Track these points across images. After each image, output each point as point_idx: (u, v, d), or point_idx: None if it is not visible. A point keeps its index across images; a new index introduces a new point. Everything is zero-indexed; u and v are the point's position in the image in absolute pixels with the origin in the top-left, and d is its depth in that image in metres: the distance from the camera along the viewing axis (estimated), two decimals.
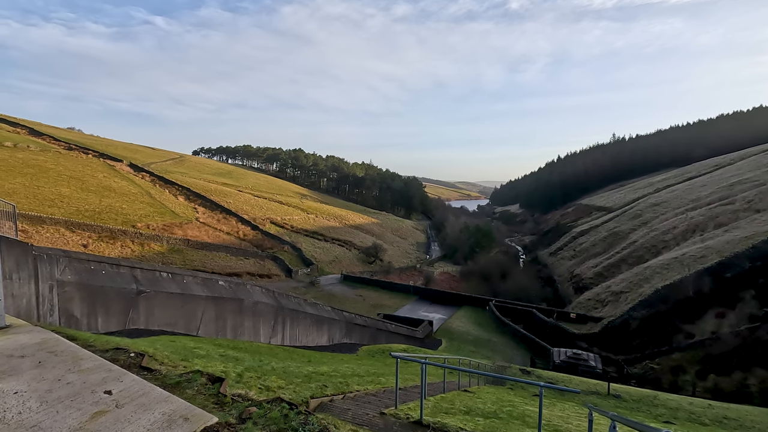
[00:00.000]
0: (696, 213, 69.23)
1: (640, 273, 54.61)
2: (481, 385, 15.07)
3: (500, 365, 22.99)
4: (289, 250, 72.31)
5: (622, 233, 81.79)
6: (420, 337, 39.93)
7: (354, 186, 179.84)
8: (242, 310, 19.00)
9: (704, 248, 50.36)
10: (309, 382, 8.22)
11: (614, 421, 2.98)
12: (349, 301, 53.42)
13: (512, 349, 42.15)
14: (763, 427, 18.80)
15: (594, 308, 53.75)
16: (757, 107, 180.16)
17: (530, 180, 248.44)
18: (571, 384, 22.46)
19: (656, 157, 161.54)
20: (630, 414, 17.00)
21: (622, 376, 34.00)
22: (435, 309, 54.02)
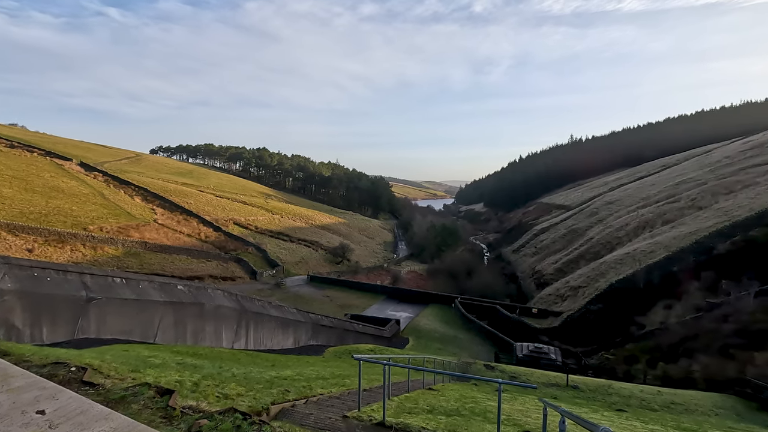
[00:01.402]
0: (646, 210, 73.30)
1: (597, 268, 57.22)
2: (446, 383, 15.30)
3: (465, 362, 23.43)
4: (254, 251, 70.68)
5: (579, 230, 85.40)
6: (387, 337, 40.07)
7: (320, 186, 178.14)
8: (203, 314, 18.37)
9: (653, 244, 53.42)
10: (271, 388, 8.04)
11: (563, 416, 3.08)
12: (316, 303, 52.86)
13: (478, 345, 43.08)
14: (706, 410, 20.16)
15: (554, 303, 55.82)
16: (699, 111, 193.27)
17: (494, 179, 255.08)
18: (533, 377, 23.22)
19: (611, 157, 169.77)
20: (587, 403, 17.76)
21: (580, 368, 35.49)
22: (402, 308, 54.38)
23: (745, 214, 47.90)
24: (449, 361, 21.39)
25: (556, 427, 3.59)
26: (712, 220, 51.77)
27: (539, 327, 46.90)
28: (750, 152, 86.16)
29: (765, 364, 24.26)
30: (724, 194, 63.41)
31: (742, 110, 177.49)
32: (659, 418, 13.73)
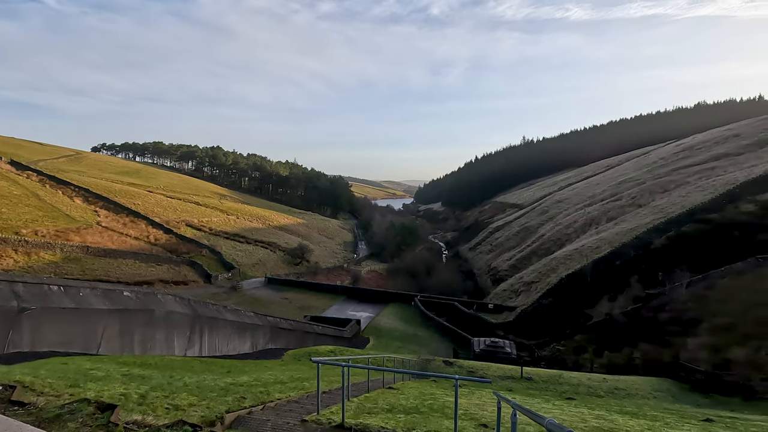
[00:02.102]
0: (592, 208, 77.74)
1: (548, 264, 59.99)
2: (406, 380, 15.46)
3: (425, 359, 23.78)
4: (208, 254, 68.04)
5: (532, 228, 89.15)
6: (348, 337, 39.91)
7: (278, 185, 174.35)
8: (153, 321, 17.45)
9: (599, 240, 56.76)
10: (226, 395, 7.76)
11: (515, 409, 3.19)
12: (275, 305, 51.70)
13: (437, 342, 43.87)
14: (645, 393, 21.68)
15: (509, 298, 57.95)
16: (638, 115, 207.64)
17: (452, 179, 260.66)
18: (489, 371, 23.96)
19: (560, 157, 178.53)
20: (540, 393, 18.56)
21: (534, 359, 37.02)
22: (363, 307, 54.36)
23: (678, 211, 51.94)
24: (409, 359, 21.64)
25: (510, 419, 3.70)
26: (650, 217, 55.74)
27: (495, 322, 48.46)
28: (682, 154, 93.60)
29: (696, 349, 26.45)
30: (659, 193, 68.45)
31: (675, 115, 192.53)
32: (604, 404, 14.60)
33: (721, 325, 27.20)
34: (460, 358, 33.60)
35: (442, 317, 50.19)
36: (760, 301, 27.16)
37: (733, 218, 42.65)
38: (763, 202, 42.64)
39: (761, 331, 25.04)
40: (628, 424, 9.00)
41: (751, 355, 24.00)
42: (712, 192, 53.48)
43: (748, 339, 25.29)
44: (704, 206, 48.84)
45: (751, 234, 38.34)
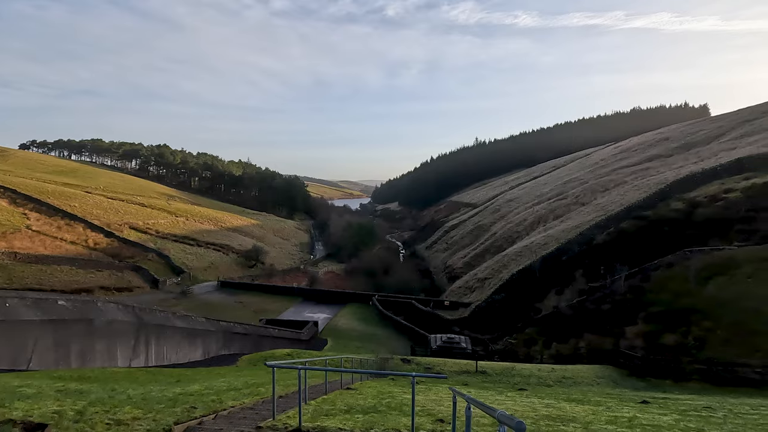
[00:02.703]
0: (540, 207, 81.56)
1: (500, 260, 62.24)
2: (365, 380, 15.45)
3: (383, 357, 23.90)
4: (155, 258, 64.48)
5: (485, 226, 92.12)
6: (305, 339, 39.29)
7: (230, 186, 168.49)
8: (92, 332, 16.29)
9: (547, 237, 59.65)
10: (174, 406, 7.38)
11: (469, 403, 3.26)
12: (229, 309, 49.91)
13: (395, 340, 44.23)
14: (590, 380, 23.05)
15: (464, 295, 59.53)
16: (581, 119, 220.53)
17: (408, 179, 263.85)
18: (446, 366, 24.49)
19: (511, 158, 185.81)
20: (493, 386, 19.21)
21: (488, 353, 38.26)
22: (320, 309, 53.75)
23: (617, 209, 55.66)
24: (368, 359, 21.65)
25: (465, 413, 3.79)
26: (592, 215, 59.35)
27: (451, 318, 49.61)
28: (620, 155, 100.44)
29: (633, 337, 28.51)
30: (601, 192, 73.04)
31: (613, 119, 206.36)
32: (553, 393, 15.36)
33: (655, 314, 29.49)
34: (418, 355, 34.06)
35: (400, 316, 50.68)
36: (687, 291, 29.71)
37: (664, 215, 46.34)
38: (690, 199, 46.67)
39: (688, 318, 27.39)
40: (574, 410, 9.51)
41: (679, 340, 26.20)
42: (646, 191, 57.78)
43: (677, 326, 27.58)
44: (640, 204, 52.68)
45: (680, 229, 41.85)
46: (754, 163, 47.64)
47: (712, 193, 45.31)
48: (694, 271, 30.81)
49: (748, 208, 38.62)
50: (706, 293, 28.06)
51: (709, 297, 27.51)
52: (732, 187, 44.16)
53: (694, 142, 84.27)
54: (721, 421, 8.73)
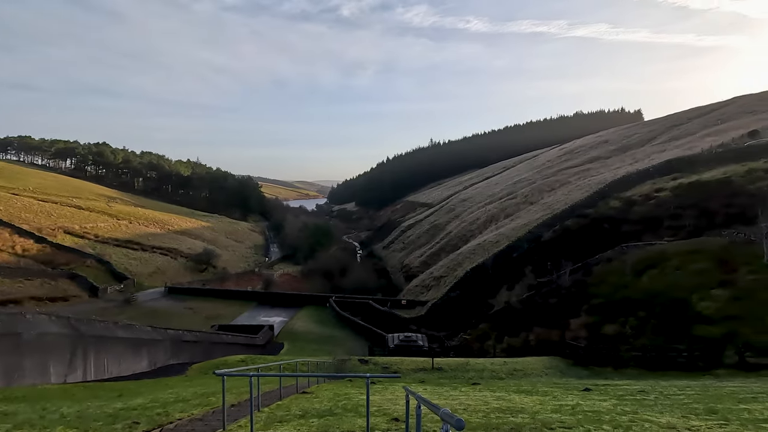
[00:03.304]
0: (492, 206, 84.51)
1: (455, 259, 63.83)
2: (322, 383, 15.29)
3: (340, 359, 23.75)
4: (94, 264, 60.21)
5: (440, 225, 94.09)
6: (261, 344, 38.26)
7: (179, 186, 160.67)
8: (20, 346, 14.95)
9: (498, 235, 61.91)
10: (114, 423, 6.94)
11: (419, 402, 3.32)
12: (177, 317, 47.60)
13: (353, 341, 44.10)
14: (539, 371, 24.17)
15: (421, 293, 60.47)
16: (529, 122, 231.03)
17: (364, 179, 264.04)
18: (403, 365, 24.75)
19: (464, 159, 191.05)
20: (449, 382, 19.65)
21: (444, 350, 39.06)
22: (276, 312, 52.55)
23: (562, 207, 58.77)
24: (324, 361, 21.44)
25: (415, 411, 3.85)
26: (540, 213, 62.29)
27: (408, 317, 50.21)
28: (564, 157, 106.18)
29: (578, 328, 30.25)
30: (547, 191, 76.85)
31: (558, 122, 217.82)
32: (505, 386, 15.97)
33: (596, 306, 31.48)
34: (376, 355, 34.17)
35: (358, 316, 50.61)
36: (624, 284, 31.98)
37: (604, 213, 49.53)
38: (626, 198, 50.21)
39: (625, 309, 29.47)
40: (523, 401, 9.95)
41: (618, 329, 28.13)
42: (588, 190, 61.47)
43: (616, 316, 29.59)
44: (582, 203, 55.94)
45: (618, 226, 44.90)
46: (681, 165, 52.09)
47: (646, 192, 49.00)
48: (630, 264, 33.18)
49: (676, 205, 42.14)
50: (641, 285, 30.33)
51: (643, 288, 29.74)
52: (662, 187, 48.01)
53: (630, 144, 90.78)
54: (653, 403, 9.47)
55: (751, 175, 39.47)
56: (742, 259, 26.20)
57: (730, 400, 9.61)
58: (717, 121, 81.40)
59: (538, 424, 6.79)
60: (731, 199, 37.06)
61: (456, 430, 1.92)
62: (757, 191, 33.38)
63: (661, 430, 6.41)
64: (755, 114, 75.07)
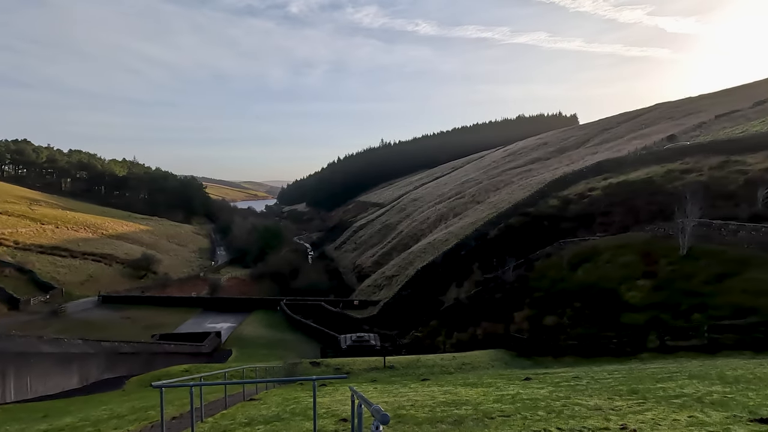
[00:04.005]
0: (442, 206, 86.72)
1: (406, 258, 64.82)
2: (271, 389, 14.97)
3: (291, 363, 23.33)
4: (14, 273, 54.74)
5: (392, 225, 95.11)
6: (207, 352, 36.73)
7: (113, 188, 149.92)
8: None
9: (448, 233, 63.66)
10: None
11: (360, 401, 3.40)
12: (113, 327, 44.48)
13: (305, 344, 43.48)
14: (485, 364, 25.18)
15: (373, 293, 60.80)
16: (476, 124, 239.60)
17: (315, 179, 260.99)
18: (355, 365, 24.80)
19: (415, 160, 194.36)
20: (400, 379, 19.97)
21: (396, 348, 39.56)
22: (223, 318, 50.61)
23: (506, 206, 61.53)
24: (274, 366, 20.98)
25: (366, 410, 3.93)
26: (486, 212, 64.82)
27: (361, 317, 50.34)
28: (508, 158, 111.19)
29: (521, 321, 31.84)
30: (493, 191, 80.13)
31: (502, 125, 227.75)
32: (453, 380, 16.52)
33: (537, 299, 33.29)
34: (328, 357, 33.96)
35: (310, 319, 50.00)
36: (561, 277, 34.10)
37: (544, 211, 52.47)
38: (563, 197, 53.53)
39: (563, 301, 31.45)
40: (468, 393, 10.36)
41: (557, 320, 29.95)
42: (529, 190, 64.83)
43: (555, 308, 31.49)
44: (524, 202, 58.90)
45: (556, 223, 47.77)
46: (610, 166, 56.39)
47: (580, 191, 52.51)
48: (566, 259, 35.42)
49: (606, 203, 45.57)
50: (576, 278, 32.48)
51: (578, 281, 31.87)
52: (595, 186, 51.68)
53: (567, 147, 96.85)
54: (584, 388, 10.24)
55: (669, 176, 43.53)
56: (662, 252, 28.86)
57: (649, 381, 10.60)
58: (641, 125, 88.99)
59: (479, 415, 7.12)
60: (653, 197, 40.68)
61: (382, 424, 2.04)
62: (674, 190, 36.90)
63: (589, 412, 6.96)
64: (673, 119, 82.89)
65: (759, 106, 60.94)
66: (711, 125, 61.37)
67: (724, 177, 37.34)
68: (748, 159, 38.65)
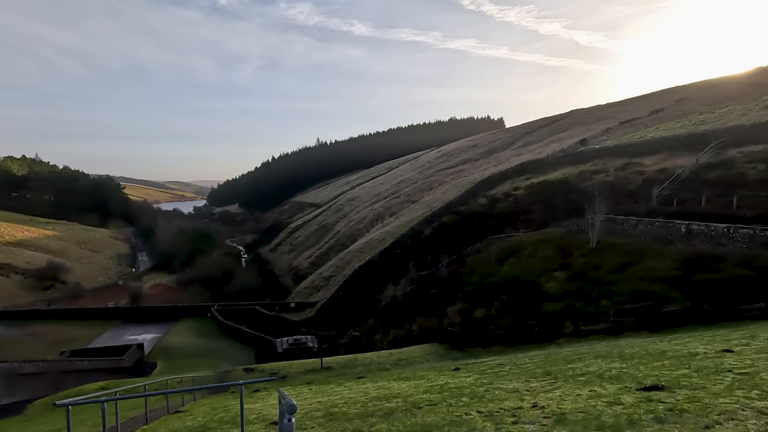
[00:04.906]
0: (378, 205, 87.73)
1: (344, 258, 64.73)
2: (199, 399, 14.26)
3: (223, 371, 22.38)
4: None
5: (329, 225, 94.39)
6: (128, 366, 33.95)
7: (11, 188, 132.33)
8: None
9: (384, 233, 64.58)
10: None
11: (283, 400, 3.45)
12: (14, 346, 39.53)
13: (240, 351, 41.83)
14: (421, 358, 26.00)
15: (310, 295, 59.96)
16: (411, 125, 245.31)
17: (249, 179, 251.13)
18: (292, 368, 24.38)
19: (351, 159, 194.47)
20: (337, 379, 19.98)
21: (334, 349, 39.42)
22: (147, 329, 47.06)
23: (439, 205, 63.79)
24: (202, 376, 19.98)
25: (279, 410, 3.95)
26: (421, 211, 66.71)
27: (298, 320, 49.46)
28: (441, 159, 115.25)
29: (453, 315, 33.27)
30: (427, 190, 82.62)
31: (435, 127, 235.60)
32: (388, 375, 16.88)
33: (469, 293, 35.02)
34: (264, 362, 32.96)
35: (244, 324, 48.14)
36: (490, 271, 36.19)
37: (474, 209, 55.20)
38: (491, 196, 56.73)
39: (492, 293, 33.41)
40: (401, 387, 10.70)
41: (486, 312, 31.74)
42: (461, 189, 67.78)
43: (485, 300, 33.33)
44: (456, 201, 61.49)
45: (485, 220, 50.50)
46: (532, 167, 60.75)
47: (506, 190, 55.95)
48: (494, 254, 37.62)
49: (529, 202, 49.03)
50: (503, 272, 34.64)
51: (505, 274, 34.00)
52: (519, 186, 55.36)
53: (494, 148, 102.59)
54: (506, 373, 11.03)
55: (581, 176, 47.89)
56: (576, 246, 31.73)
57: (562, 363, 11.67)
58: (559, 130, 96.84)
59: (409, 406, 7.42)
60: (568, 195, 44.49)
61: (289, 414, 2.15)
62: (586, 189, 40.65)
63: (507, 395, 7.54)
64: (585, 125, 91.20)
65: (654, 115, 69.07)
66: (616, 131, 68.44)
67: (626, 177, 41.86)
68: (645, 161, 43.65)
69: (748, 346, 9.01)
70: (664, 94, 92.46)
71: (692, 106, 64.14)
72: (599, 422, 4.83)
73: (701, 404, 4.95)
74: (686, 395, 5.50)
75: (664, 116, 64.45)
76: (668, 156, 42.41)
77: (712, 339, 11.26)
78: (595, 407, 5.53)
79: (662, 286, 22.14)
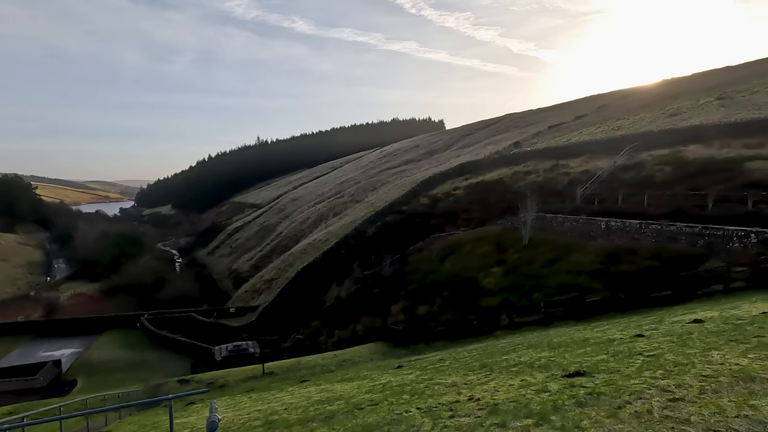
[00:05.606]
0: (322, 205, 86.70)
1: (286, 259, 63.21)
2: (126, 417, 13.20)
3: (154, 384, 20.91)
4: None
5: (271, 226, 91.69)
6: (42, 386, 30.64)
7: None
8: None
9: (328, 233, 63.94)
10: None
11: (210, 416, 3.30)
12: None
13: (174, 361, 39.36)
14: (365, 358, 26.07)
15: (252, 298, 57.86)
16: (354, 125, 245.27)
17: (182, 179, 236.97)
18: (230, 377, 23.37)
19: (293, 159, 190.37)
20: (279, 384, 19.46)
21: (277, 353, 38.33)
22: (65, 343, 42.80)
23: (383, 205, 64.37)
24: (130, 392, 18.53)
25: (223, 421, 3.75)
26: (364, 211, 66.89)
27: (238, 325, 47.53)
28: (384, 159, 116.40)
29: (397, 313, 33.75)
30: (371, 190, 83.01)
31: (378, 127, 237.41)
32: (332, 377, 16.74)
33: (411, 291, 35.72)
34: (201, 371, 31.26)
35: (178, 333, 45.38)
36: (431, 269, 37.18)
37: (416, 209, 56.41)
38: (433, 196, 58.32)
39: (434, 291, 34.34)
40: (344, 388, 10.65)
41: (428, 309, 32.56)
42: (403, 189, 68.90)
43: (427, 298, 34.18)
44: (399, 200, 62.44)
45: (427, 220, 51.80)
46: (471, 167, 63.31)
47: (447, 190, 57.79)
48: (436, 252, 38.73)
49: (468, 201, 51.03)
50: (444, 269, 35.74)
51: (446, 272, 35.10)
52: (458, 186, 57.43)
53: (435, 149, 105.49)
54: (446, 368, 11.37)
55: (515, 177, 50.73)
56: (510, 242, 33.54)
57: (498, 355, 12.26)
58: (495, 132, 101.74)
59: (350, 407, 7.40)
60: (503, 195, 46.90)
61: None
62: (519, 189, 43.10)
63: (446, 389, 7.77)
64: (518, 128, 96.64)
65: (578, 120, 74.89)
66: (545, 134, 73.27)
67: (554, 178, 44.97)
68: (570, 163, 47.18)
69: (657, 330, 10.04)
70: (588, 101, 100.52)
71: (611, 112, 70.32)
72: (528, 410, 5.13)
73: (615, 386, 5.43)
74: (603, 379, 6.01)
75: (587, 121, 70.04)
76: (590, 158, 46.15)
77: (627, 325, 12.41)
78: (524, 396, 5.86)
79: (586, 278, 24.04)
